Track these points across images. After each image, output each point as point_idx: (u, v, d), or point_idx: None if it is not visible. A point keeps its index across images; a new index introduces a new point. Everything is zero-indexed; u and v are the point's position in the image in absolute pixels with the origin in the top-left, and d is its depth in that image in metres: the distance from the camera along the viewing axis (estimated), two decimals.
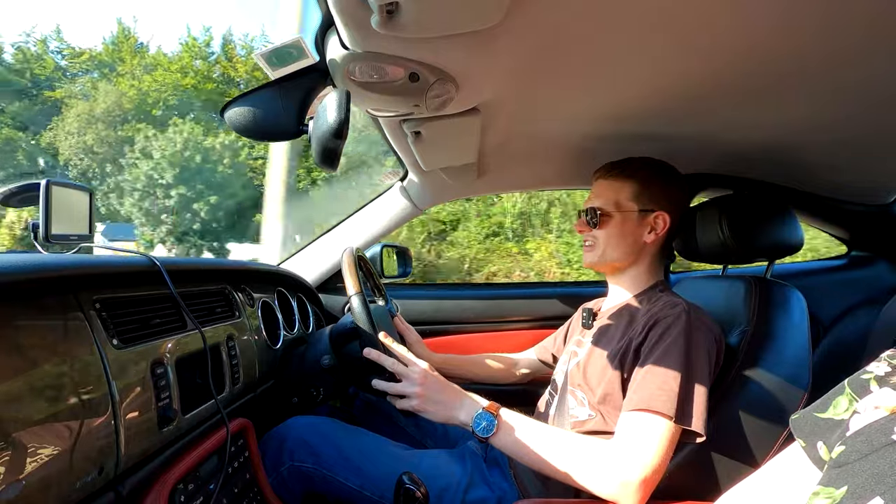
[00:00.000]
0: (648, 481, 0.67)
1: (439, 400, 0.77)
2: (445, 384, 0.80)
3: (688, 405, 0.69)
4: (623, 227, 0.89)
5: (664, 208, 0.89)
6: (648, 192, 0.89)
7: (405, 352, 0.83)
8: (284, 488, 0.86)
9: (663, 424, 0.68)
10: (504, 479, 0.88)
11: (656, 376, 0.71)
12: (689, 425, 0.69)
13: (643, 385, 0.72)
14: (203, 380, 0.71)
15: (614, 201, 0.90)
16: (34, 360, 0.46)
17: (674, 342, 0.73)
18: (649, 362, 0.73)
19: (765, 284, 0.88)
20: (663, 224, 0.89)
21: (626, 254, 0.90)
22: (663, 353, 0.73)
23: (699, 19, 0.56)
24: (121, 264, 0.61)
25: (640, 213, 0.89)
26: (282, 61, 0.64)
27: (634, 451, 0.68)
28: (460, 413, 0.76)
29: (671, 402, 0.68)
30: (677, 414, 0.68)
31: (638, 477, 0.66)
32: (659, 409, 0.68)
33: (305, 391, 0.97)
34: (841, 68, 0.66)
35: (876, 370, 0.40)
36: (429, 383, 0.78)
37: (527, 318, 1.52)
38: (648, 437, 0.68)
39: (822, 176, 1.16)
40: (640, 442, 0.68)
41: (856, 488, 0.33)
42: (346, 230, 1.50)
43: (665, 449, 0.68)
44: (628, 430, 0.70)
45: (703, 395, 0.70)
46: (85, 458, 0.49)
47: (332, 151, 0.62)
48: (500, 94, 0.78)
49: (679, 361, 0.71)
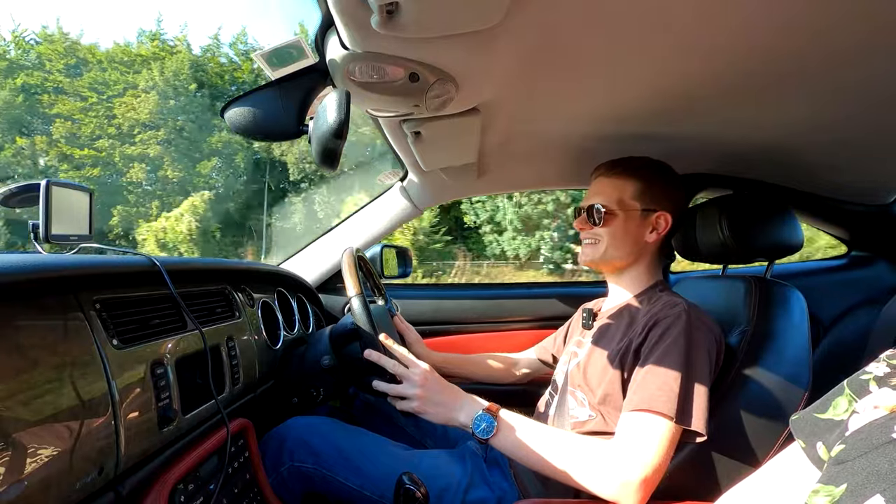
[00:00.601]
0: (649, 481, 0.67)
1: (439, 401, 0.77)
2: (445, 385, 0.80)
3: (688, 405, 0.69)
4: (626, 226, 0.89)
5: (666, 208, 0.89)
6: (651, 192, 0.89)
7: (406, 353, 0.83)
8: (284, 488, 0.86)
9: (664, 424, 0.68)
10: (504, 480, 0.88)
11: (656, 377, 0.71)
12: (690, 425, 0.69)
13: (643, 385, 0.72)
14: (203, 380, 0.71)
15: (618, 199, 0.90)
16: (34, 360, 0.46)
17: (674, 342, 0.73)
18: (649, 362, 0.73)
19: (765, 284, 0.88)
20: (665, 224, 0.89)
21: (628, 253, 0.90)
22: (663, 354, 0.73)
23: (699, 19, 0.56)
24: (121, 264, 0.61)
25: (643, 212, 0.89)
26: (282, 61, 0.64)
27: (635, 451, 0.68)
28: (460, 414, 0.76)
29: (671, 403, 0.68)
30: (678, 414, 0.68)
31: (638, 477, 0.66)
32: (659, 409, 0.68)
33: (305, 391, 0.96)
34: (841, 68, 0.66)
35: (875, 371, 0.40)
36: (429, 385, 0.78)
37: (527, 318, 1.52)
38: (649, 437, 0.68)
39: (823, 176, 1.16)
40: (641, 442, 0.68)
41: (855, 486, 0.33)
42: (346, 230, 1.50)
43: (665, 449, 0.68)
44: (629, 431, 0.71)
45: (704, 395, 0.70)
46: (85, 458, 0.49)
47: (332, 151, 0.62)
48: (500, 94, 0.78)
49: (679, 361, 0.71)
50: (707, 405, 0.70)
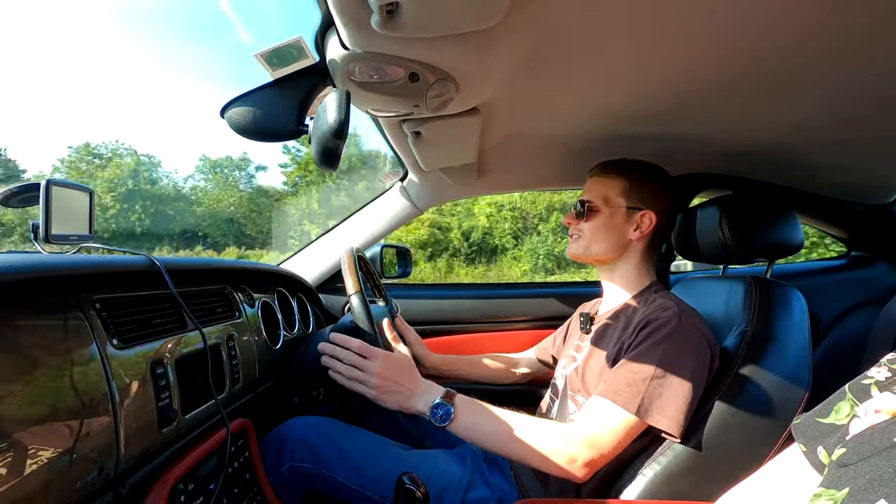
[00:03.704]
0: (594, 463, 0.71)
1: (395, 389, 0.79)
2: (404, 374, 0.81)
3: (656, 404, 0.71)
4: (609, 222, 0.91)
5: (651, 207, 0.90)
6: (638, 191, 0.91)
7: (365, 345, 0.82)
8: (284, 488, 0.86)
9: (621, 415, 0.71)
10: (504, 480, 0.88)
11: (629, 371, 0.74)
12: (651, 421, 0.71)
13: (615, 377, 0.75)
14: (203, 380, 0.71)
15: (603, 196, 0.92)
16: (34, 360, 0.46)
17: (657, 343, 0.75)
18: (628, 355, 0.76)
19: (765, 284, 0.88)
20: (649, 223, 0.90)
21: (610, 248, 0.92)
22: (643, 352, 0.75)
23: (699, 19, 0.56)
24: (121, 264, 0.61)
25: (627, 210, 0.91)
26: (282, 61, 0.63)
27: (586, 432, 0.72)
28: (417, 402, 0.78)
29: (634, 399, 0.71)
30: (640, 409, 0.71)
31: (585, 456, 0.70)
32: (620, 403, 0.72)
33: (305, 391, 0.96)
34: (841, 68, 0.66)
35: (877, 375, 0.40)
36: (385, 373, 0.79)
37: (527, 318, 1.52)
38: (603, 423, 0.72)
39: (823, 176, 1.16)
40: (595, 425, 0.72)
41: (858, 490, 0.33)
42: (346, 230, 1.50)
43: (619, 437, 0.72)
44: (587, 413, 0.75)
45: (681, 396, 0.72)
46: (85, 458, 0.49)
47: (332, 152, 0.62)
48: (500, 94, 0.78)
49: (656, 361, 0.73)
50: (687, 408, 0.72)
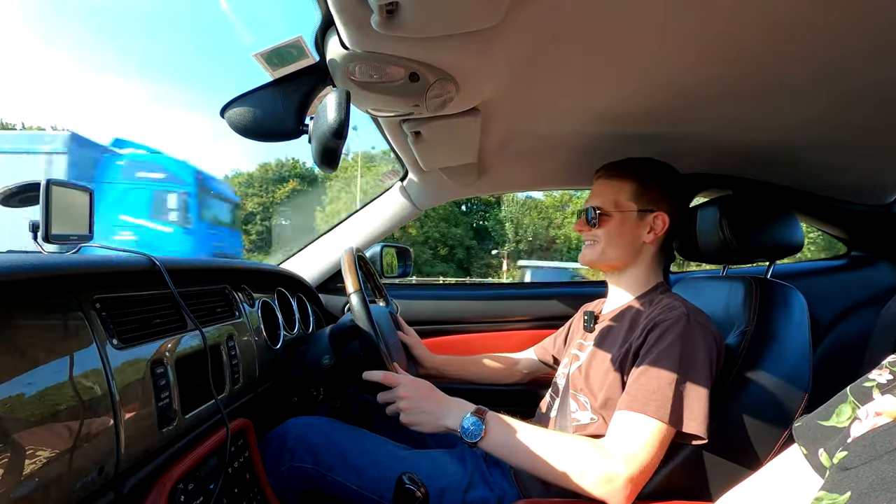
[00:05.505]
0: (636, 480, 0.67)
1: (426, 409, 0.78)
2: (429, 394, 0.80)
3: (683, 408, 0.70)
4: (622, 227, 0.90)
5: (663, 209, 0.89)
6: (648, 193, 0.89)
7: (387, 374, 0.82)
8: (284, 488, 0.86)
9: (654, 425, 0.69)
10: (504, 479, 0.88)
11: (651, 378, 0.72)
12: (683, 427, 0.69)
13: (637, 386, 0.72)
14: (203, 380, 0.71)
15: (613, 201, 0.90)
16: (34, 360, 0.46)
17: (671, 345, 0.73)
18: (645, 363, 0.74)
19: (765, 284, 0.88)
20: (662, 225, 0.89)
21: (625, 253, 0.91)
22: (660, 356, 0.73)
23: (699, 19, 0.56)
24: (121, 264, 0.61)
25: (639, 213, 0.89)
26: (282, 61, 0.63)
27: (623, 449, 0.68)
28: (448, 420, 0.77)
29: (665, 406, 0.69)
30: (670, 416, 0.68)
31: (625, 474, 0.67)
32: (650, 412, 0.69)
33: (305, 391, 0.96)
34: (841, 69, 0.66)
35: (878, 378, 0.40)
36: (412, 397, 0.79)
37: (527, 318, 1.52)
38: (638, 437, 0.69)
39: (823, 176, 1.16)
40: (630, 441, 0.69)
41: (860, 493, 0.33)
42: (346, 230, 1.49)
43: (655, 449, 0.68)
44: (619, 429, 0.71)
45: (702, 398, 0.71)
46: (85, 458, 0.49)
47: (332, 151, 0.62)
48: (500, 94, 0.78)
49: (675, 364, 0.71)
50: (707, 408, 0.70)
